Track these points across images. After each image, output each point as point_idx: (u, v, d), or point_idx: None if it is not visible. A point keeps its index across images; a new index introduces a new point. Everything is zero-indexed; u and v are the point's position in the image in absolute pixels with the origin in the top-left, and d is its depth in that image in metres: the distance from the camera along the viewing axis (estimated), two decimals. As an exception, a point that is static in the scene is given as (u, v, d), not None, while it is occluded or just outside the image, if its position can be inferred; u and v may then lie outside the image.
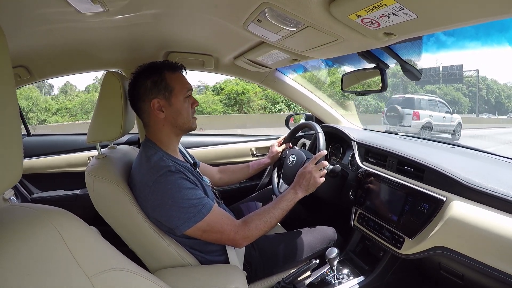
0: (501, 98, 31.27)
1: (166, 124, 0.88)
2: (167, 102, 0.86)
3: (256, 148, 1.74)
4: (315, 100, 1.56)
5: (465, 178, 0.78)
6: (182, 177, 0.81)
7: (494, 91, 31.25)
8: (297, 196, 0.95)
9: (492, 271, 0.67)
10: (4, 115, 0.32)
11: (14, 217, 0.39)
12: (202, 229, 0.80)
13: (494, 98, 30.50)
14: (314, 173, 0.97)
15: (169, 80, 0.86)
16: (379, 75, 1.05)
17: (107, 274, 0.43)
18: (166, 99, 0.86)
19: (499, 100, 30.78)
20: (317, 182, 0.97)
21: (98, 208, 0.87)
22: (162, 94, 0.86)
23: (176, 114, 0.88)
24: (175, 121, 0.88)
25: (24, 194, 1.54)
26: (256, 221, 0.86)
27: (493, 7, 0.47)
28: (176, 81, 0.87)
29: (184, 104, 0.88)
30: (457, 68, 19.53)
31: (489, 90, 31.19)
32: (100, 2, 0.67)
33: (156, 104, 0.85)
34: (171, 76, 0.87)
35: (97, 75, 18.03)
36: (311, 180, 0.96)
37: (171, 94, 0.86)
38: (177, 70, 0.90)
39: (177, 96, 0.87)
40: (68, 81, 17.96)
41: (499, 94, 31.35)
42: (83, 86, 21.41)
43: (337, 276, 1.02)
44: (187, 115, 0.89)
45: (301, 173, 0.99)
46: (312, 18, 0.64)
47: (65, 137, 1.67)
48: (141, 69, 0.88)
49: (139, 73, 0.88)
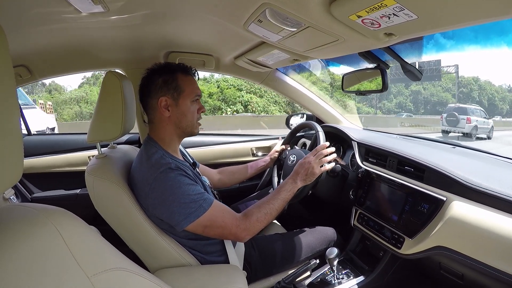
0: (495, 100, 30.69)
1: (170, 124, 0.89)
2: (174, 102, 0.88)
3: (256, 148, 1.74)
4: (316, 100, 1.56)
5: (465, 178, 0.78)
6: (182, 173, 0.81)
7: (487, 92, 30.58)
8: (296, 185, 0.95)
9: (492, 271, 0.67)
10: (4, 114, 0.32)
11: (14, 216, 0.39)
12: (203, 224, 0.80)
13: (487, 100, 29.94)
14: (313, 163, 0.97)
15: (180, 82, 0.88)
16: (379, 75, 1.05)
17: (107, 274, 0.43)
18: (174, 99, 0.88)
19: (493, 102, 30.24)
20: (315, 173, 0.96)
21: (98, 208, 0.87)
22: (171, 93, 0.87)
23: (181, 116, 0.89)
24: (179, 122, 0.89)
25: (24, 193, 1.54)
26: (257, 213, 0.86)
27: (493, 8, 0.47)
28: (187, 84, 0.89)
29: (190, 108, 0.90)
30: (434, 63, 18.93)
31: (482, 92, 30.53)
32: (101, 2, 0.67)
33: (163, 102, 0.87)
34: (183, 78, 0.89)
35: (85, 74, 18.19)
36: (310, 170, 0.96)
37: (180, 96, 0.88)
38: (190, 74, 0.92)
39: (185, 98, 0.88)
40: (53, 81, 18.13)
41: (493, 95, 30.74)
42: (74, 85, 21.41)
43: (337, 276, 1.02)
44: (191, 118, 0.91)
45: (301, 163, 0.99)
46: (312, 19, 0.64)
47: (65, 136, 1.67)
48: (156, 67, 0.90)
49: (154, 70, 0.89)
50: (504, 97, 32.25)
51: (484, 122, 11.11)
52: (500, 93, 32.05)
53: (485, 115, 11.63)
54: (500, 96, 31.61)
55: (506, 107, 30.82)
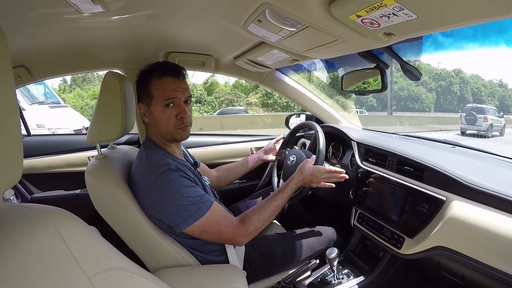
0: (481, 95, 28.09)
1: (153, 129, 0.90)
2: (148, 109, 0.87)
3: (256, 148, 1.74)
4: (315, 100, 1.56)
5: (465, 177, 0.78)
6: (182, 175, 0.81)
7: (472, 86, 27.74)
8: (296, 186, 0.97)
9: (492, 271, 0.67)
10: (3, 115, 0.32)
11: (14, 217, 0.39)
12: (200, 228, 0.80)
13: (471, 95, 27.32)
14: (323, 179, 1.00)
15: (152, 87, 0.84)
16: (379, 75, 1.05)
17: (107, 274, 0.43)
18: (148, 106, 0.87)
19: (479, 97, 27.64)
20: (317, 184, 0.99)
21: (98, 208, 0.87)
22: (144, 99, 0.87)
23: (156, 122, 0.86)
24: (157, 129, 0.88)
25: (24, 194, 1.53)
26: (254, 218, 0.87)
27: (493, 7, 0.47)
28: (158, 89, 0.84)
29: (163, 114, 0.84)
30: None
31: (464, 85, 27.49)
32: (101, 2, 0.67)
33: (141, 108, 0.88)
34: (156, 82, 0.84)
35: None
36: (315, 180, 0.98)
37: (151, 102, 0.85)
38: (165, 75, 0.84)
39: (155, 105, 0.85)
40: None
41: (479, 90, 28.06)
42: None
43: (337, 276, 1.02)
44: (167, 124, 0.85)
45: (314, 170, 1.00)
46: (312, 18, 0.64)
47: (65, 137, 1.68)
48: (140, 71, 0.90)
49: (139, 73, 0.90)
50: (493, 92, 29.63)
51: (498, 121, 12.16)
52: (488, 87, 29.56)
53: (497, 113, 12.72)
54: (489, 91, 29.24)
55: (496, 102, 28.27)
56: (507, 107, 27.32)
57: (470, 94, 28.15)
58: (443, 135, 12.13)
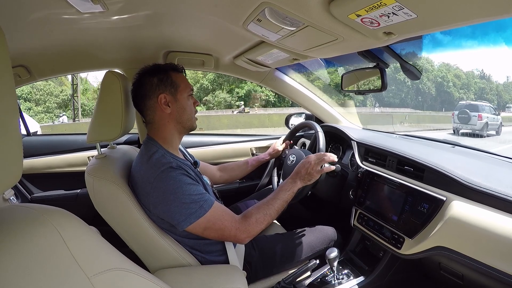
0: (449, 86, 24.18)
1: (171, 120, 0.90)
2: (173, 98, 0.90)
3: (256, 148, 1.74)
4: (315, 99, 1.56)
5: (465, 177, 0.78)
6: (183, 173, 0.81)
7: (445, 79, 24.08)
8: (296, 185, 0.95)
9: (492, 271, 0.67)
10: (4, 115, 0.32)
11: (14, 217, 0.39)
12: (203, 226, 0.80)
13: (434, 87, 23.96)
14: (313, 163, 0.97)
15: (175, 78, 0.91)
16: (379, 74, 1.05)
17: (107, 274, 0.43)
18: (172, 95, 0.90)
19: (445, 89, 24.15)
20: (313, 175, 0.96)
21: (98, 208, 0.87)
22: (168, 90, 0.89)
23: (181, 110, 0.91)
24: (180, 117, 0.91)
25: (24, 194, 1.54)
26: (256, 215, 0.86)
27: (492, 7, 0.47)
28: (181, 80, 0.93)
29: (188, 102, 0.93)
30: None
31: (428, 74, 23.93)
32: (100, 2, 0.67)
33: (163, 99, 0.88)
34: (176, 75, 0.92)
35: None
36: (309, 170, 0.96)
37: (177, 91, 0.91)
38: (180, 71, 0.96)
39: (182, 93, 0.91)
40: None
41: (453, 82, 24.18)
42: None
43: (337, 276, 1.02)
44: (190, 112, 0.93)
45: (302, 163, 0.99)
46: (312, 18, 0.64)
47: (65, 137, 1.67)
48: (146, 69, 0.91)
49: (144, 72, 0.91)
50: (469, 83, 25.30)
51: (494, 119, 11.39)
52: (462, 78, 25.15)
53: (494, 111, 11.95)
54: (462, 82, 25.10)
55: (471, 96, 24.32)
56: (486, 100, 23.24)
57: (434, 88, 24.29)
58: (436, 134, 11.58)
